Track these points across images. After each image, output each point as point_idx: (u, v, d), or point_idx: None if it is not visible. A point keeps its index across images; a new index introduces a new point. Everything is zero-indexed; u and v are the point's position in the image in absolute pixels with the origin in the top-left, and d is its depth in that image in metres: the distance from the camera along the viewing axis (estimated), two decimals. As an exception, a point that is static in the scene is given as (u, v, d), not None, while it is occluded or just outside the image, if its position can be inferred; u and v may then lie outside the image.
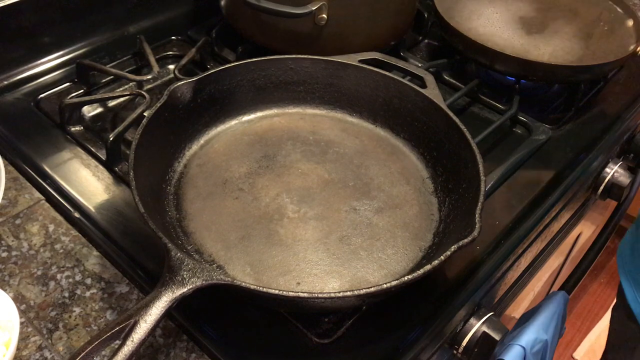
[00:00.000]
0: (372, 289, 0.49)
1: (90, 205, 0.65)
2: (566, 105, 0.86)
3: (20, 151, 0.71)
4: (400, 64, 0.75)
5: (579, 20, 0.91)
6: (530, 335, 0.66)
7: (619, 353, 0.95)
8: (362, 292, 0.48)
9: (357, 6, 0.80)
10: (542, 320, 0.69)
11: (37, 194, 0.66)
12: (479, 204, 0.56)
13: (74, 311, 0.56)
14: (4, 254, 0.60)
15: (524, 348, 0.64)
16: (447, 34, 0.87)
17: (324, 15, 0.78)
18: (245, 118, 0.74)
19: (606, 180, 0.89)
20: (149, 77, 0.82)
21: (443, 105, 0.68)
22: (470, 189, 0.60)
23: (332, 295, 0.49)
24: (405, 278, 0.50)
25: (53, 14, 0.83)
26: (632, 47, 0.84)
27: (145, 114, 0.65)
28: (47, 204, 0.65)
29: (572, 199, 0.79)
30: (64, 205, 0.65)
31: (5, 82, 0.80)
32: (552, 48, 0.85)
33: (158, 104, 0.63)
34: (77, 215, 0.64)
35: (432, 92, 0.69)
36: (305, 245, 0.61)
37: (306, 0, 0.77)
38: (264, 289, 0.48)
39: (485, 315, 0.63)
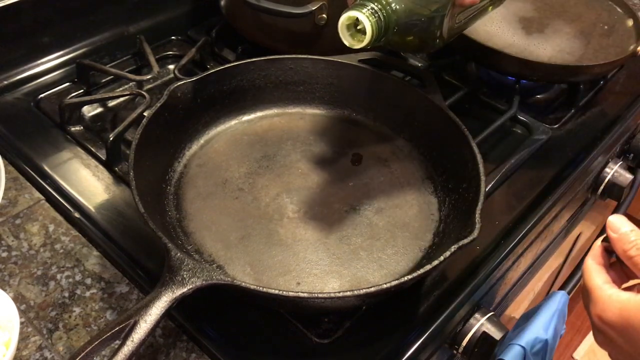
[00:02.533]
0: (372, 289, 0.49)
1: (90, 205, 0.65)
2: (566, 105, 0.86)
3: (20, 151, 0.71)
4: (400, 63, 0.75)
5: (579, 20, 0.91)
6: (530, 335, 0.65)
7: None
8: (362, 292, 0.48)
9: (357, 6, 0.80)
10: (542, 320, 0.69)
11: (37, 194, 0.66)
12: (479, 204, 0.56)
13: (74, 311, 0.56)
14: (4, 254, 0.60)
15: (524, 348, 0.64)
16: (447, 34, 0.87)
17: (324, 15, 0.78)
18: (245, 118, 0.74)
19: (606, 180, 0.89)
20: (149, 77, 0.82)
21: (443, 105, 0.68)
22: (470, 189, 0.60)
23: (332, 295, 0.49)
24: (405, 278, 0.50)
25: (53, 14, 0.83)
26: (632, 47, 0.84)
27: (145, 114, 0.65)
28: (47, 204, 0.65)
29: (572, 199, 0.79)
30: (64, 205, 0.65)
31: (5, 82, 0.80)
32: (552, 48, 0.85)
33: (158, 104, 0.63)
34: (77, 215, 0.64)
35: (432, 92, 0.69)
36: (305, 245, 0.61)
37: (306, 0, 0.77)
38: (264, 289, 0.48)
39: (485, 315, 0.63)
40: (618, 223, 0.47)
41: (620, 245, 0.47)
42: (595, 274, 0.48)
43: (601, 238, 0.50)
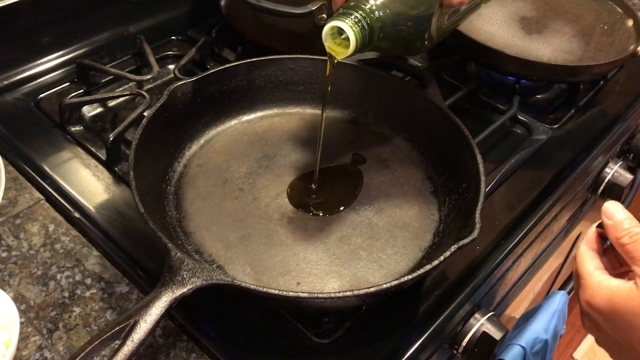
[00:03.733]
0: (372, 289, 0.49)
1: (90, 205, 0.65)
2: (566, 105, 0.86)
3: (20, 151, 0.71)
4: (400, 63, 0.75)
5: (579, 21, 0.91)
6: (530, 335, 0.66)
7: None
8: (362, 292, 0.48)
9: (357, 6, 0.80)
10: (542, 320, 0.69)
11: (37, 194, 0.66)
12: (479, 204, 0.56)
13: (74, 311, 0.56)
14: (4, 254, 0.60)
15: (524, 348, 0.64)
16: (447, 34, 0.87)
17: (324, 15, 0.78)
18: (245, 118, 0.74)
19: (606, 180, 0.89)
20: (149, 77, 0.82)
21: (443, 105, 0.68)
22: (470, 189, 0.60)
23: (332, 295, 0.49)
24: (405, 278, 0.50)
25: (53, 14, 0.83)
26: (632, 47, 0.84)
27: (145, 114, 0.65)
28: (47, 204, 0.65)
29: (572, 199, 0.79)
30: (64, 205, 0.65)
31: (5, 82, 0.80)
32: (552, 48, 0.85)
33: (158, 104, 0.63)
34: (77, 215, 0.64)
35: (432, 92, 0.69)
36: (305, 245, 0.61)
37: (306, 0, 0.77)
38: (264, 289, 0.48)
39: (485, 315, 0.63)
40: (613, 210, 0.47)
41: (614, 232, 0.46)
42: (588, 260, 0.48)
43: (596, 224, 0.50)
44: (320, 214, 0.64)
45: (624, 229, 0.46)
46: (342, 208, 0.64)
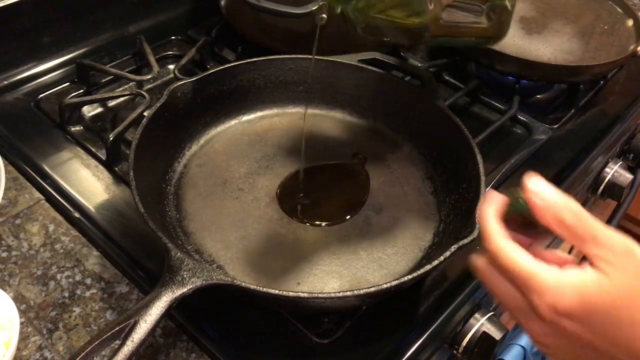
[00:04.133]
0: (372, 289, 0.49)
1: (90, 205, 0.65)
2: (566, 105, 0.86)
3: (20, 151, 0.71)
4: (400, 63, 0.75)
5: (579, 20, 0.91)
6: (530, 335, 0.65)
7: None
8: (362, 292, 0.48)
9: (357, 6, 0.80)
10: (542, 320, 0.68)
11: (37, 194, 0.66)
12: (479, 204, 0.56)
13: (74, 311, 0.56)
14: (4, 254, 0.60)
15: (524, 348, 0.64)
16: (447, 34, 0.87)
17: (324, 15, 0.78)
18: (245, 118, 0.74)
19: (606, 180, 0.89)
20: (149, 77, 0.82)
21: (443, 105, 0.68)
22: (470, 189, 0.60)
23: (332, 295, 0.49)
24: (405, 278, 0.50)
25: (53, 14, 0.83)
26: (632, 47, 0.84)
27: (145, 114, 0.65)
28: (47, 204, 0.65)
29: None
30: (64, 205, 0.65)
31: (5, 82, 0.80)
32: (552, 48, 0.85)
33: (158, 104, 0.63)
34: (77, 215, 0.64)
35: (432, 92, 0.70)
36: (305, 245, 0.61)
37: (306, 0, 0.77)
38: (264, 289, 0.48)
39: (485, 315, 0.63)
40: (540, 188, 0.39)
41: (550, 213, 0.38)
42: (520, 255, 0.39)
43: (496, 209, 0.41)
44: (323, 224, 0.63)
45: (563, 207, 0.38)
46: (347, 217, 0.64)
